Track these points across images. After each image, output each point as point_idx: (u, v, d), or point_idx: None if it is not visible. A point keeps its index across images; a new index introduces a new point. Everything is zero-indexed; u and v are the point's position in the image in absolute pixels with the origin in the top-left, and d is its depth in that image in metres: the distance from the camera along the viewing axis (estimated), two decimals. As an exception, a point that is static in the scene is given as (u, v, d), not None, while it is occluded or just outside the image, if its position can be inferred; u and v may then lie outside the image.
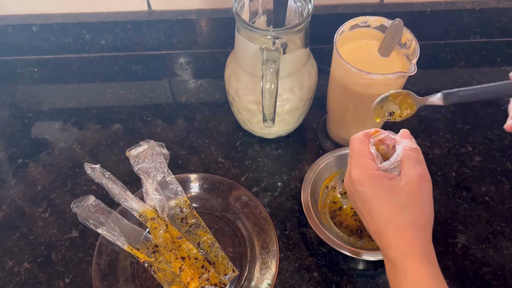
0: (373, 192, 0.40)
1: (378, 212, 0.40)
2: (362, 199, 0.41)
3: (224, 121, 0.67)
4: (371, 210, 0.40)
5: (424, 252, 0.38)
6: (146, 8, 0.72)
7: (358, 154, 0.42)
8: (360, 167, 0.41)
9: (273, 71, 0.48)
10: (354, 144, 0.43)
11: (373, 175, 0.40)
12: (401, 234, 0.38)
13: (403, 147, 0.42)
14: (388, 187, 0.39)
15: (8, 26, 0.71)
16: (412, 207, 0.39)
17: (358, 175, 0.41)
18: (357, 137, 0.44)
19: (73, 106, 0.69)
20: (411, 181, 0.39)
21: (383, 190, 0.39)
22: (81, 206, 0.54)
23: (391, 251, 0.39)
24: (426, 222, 0.39)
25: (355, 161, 0.42)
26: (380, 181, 0.40)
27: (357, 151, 0.42)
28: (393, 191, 0.39)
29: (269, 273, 0.51)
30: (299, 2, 0.52)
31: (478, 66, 0.73)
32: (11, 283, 0.52)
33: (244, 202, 0.56)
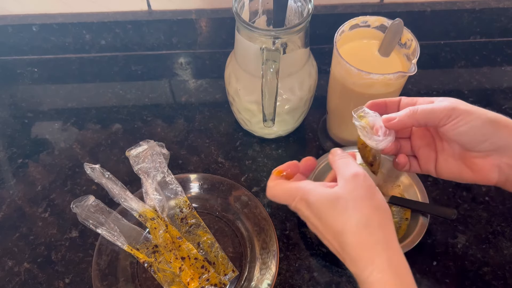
0: (317, 208, 0.36)
1: (328, 227, 0.36)
2: (313, 222, 0.37)
3: (224, 121, 0.67)
4: (324, 229, 0.36)
5: (388, 259, 0.34)
6: (146, 8, 0.72)
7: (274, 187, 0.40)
8: (285, 194, 0.39)
9: (273, 71, 0.48)
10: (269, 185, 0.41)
11: (308, 190, 0.37)
12: (357, 244, 0.34)
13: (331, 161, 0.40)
14: (326, 195, 0.36)
15: (8, 26, 0.71)
16: (356, 207, 0.35)
17: (298, 199, 0.38)
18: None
19: (73, 106, 0.69)
20: (347, 182, 0.36)
21: (322, 200, 0.36)
22: (81, 206, 0.54)
23: (355, 269, 0.35)
24: (379, 219, 0.35)
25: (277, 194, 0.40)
26: (318, 192, 0.37)
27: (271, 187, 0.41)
28: (330, 198, 0.36)
29: (269, 273, 0.51)
30: (299, 2, 0.52)
31: (478, 66, 0.73)
32: (11, 283, 0.52)
33: (244, 202, 0.56)
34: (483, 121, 0.37)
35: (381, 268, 0.33)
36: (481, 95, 0.69)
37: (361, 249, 0.34)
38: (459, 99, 0.39)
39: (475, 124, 0.37)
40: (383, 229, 0.35)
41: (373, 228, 0.35)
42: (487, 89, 0.70)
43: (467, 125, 0.37)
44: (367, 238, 0.34)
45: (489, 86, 0.71)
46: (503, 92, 0.70)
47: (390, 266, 0.33)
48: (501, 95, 0.69)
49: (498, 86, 0.71)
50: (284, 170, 0.41)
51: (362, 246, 0.34)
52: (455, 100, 0.38)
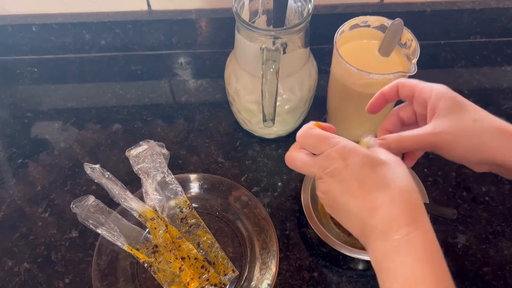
0: (359, 161, 0.34)
1: (370, 180, 0.34)
2: (345, 178, 0.35)
3: (224, 121, 0.67)
4: (362, 180, 0.34)
5: (428, 224, 0.33)
6: (146, 8, 0.72)
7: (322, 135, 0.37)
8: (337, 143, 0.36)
9: (273, 71, 0.48)
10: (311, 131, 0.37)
11: (354, 146, 0.35)
12: (401, 201, 0.33)
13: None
14: (370, 156, 0.35)
15: (8, 26, 0.71)
16: (402, 173, 0.34)
17: (336, 148, 0.35)
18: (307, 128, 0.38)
19: (73, 106, 0.69)
20: (393, 158, 0.35)
21: (368, 158, 0.35)
22: (80, 206, 0.54)
23: (392, 224, 0.33)
24: (399, 193, 0.34)
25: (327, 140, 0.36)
26: (363, 151, 0.35)
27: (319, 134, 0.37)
28: (378, 160, 0.35)
29: (269, 273, 0.51)
30: (299, 2, 0.52)
31: (478, 66, 0.73)
32: (11, 283, 0.52)
33: (244, 202, 0.56)
34: (468, 148, 0.37)
35: (425, 229, 0.33)
36: (481, 95, 0.69)
37: (403, 208, 0.33)
38: (455, 96, 0.39)
39: (460, 152, 0.38)
40: (418, 194, 0.34)
41: (417, 194, 0.34)
42: (487, 89, 0.70)
43: (455, 152, 0.38)
44: (414, 199, 0.34)
45: (489, 86, 0.71)
46: (503, 92, 0.70)
47: (431, 229, 0.33)
48: (501, 95, 0.69)
49: (498, 86, 0.71)
50: (325, 128, 0.39)
51: (406, 205, 0.33)
52: (446, 110, 0.38)
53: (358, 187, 0.34)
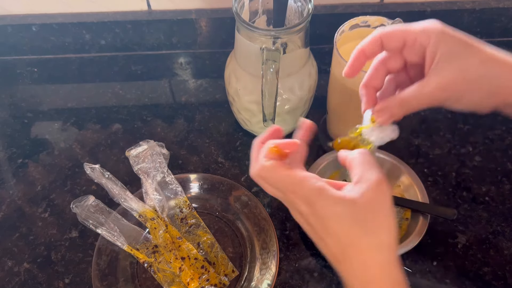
0: (323, 209, 0.32)
1: (333, 236, 0.32)
2: (313, 224, 0.33)
3: (224, 121, 0.67)
4: (326, 233, 0.32)
5: (394, 282, 0.31)
6: (146, 8, 0.72)
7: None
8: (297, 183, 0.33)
9: (273, 71, 0.48)
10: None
11: (319, 188, 0.32)
12: (364, 261, 0.31)
13: (352, 156, 0.35)
14: (340, 199, 0.32)
15: (8, 26, 0.71)
16: (373, 222, 0.31)
17: (299, 194, 0.33)
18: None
19: (72, 106, 0.69)
20: (369, 189, 0.32)
21: (335, 205, 0.32)
22: (80, 206, 0.54)
23: (354, 281, 0.32)
24: (392, 239, 0.32)
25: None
26: (329, 194, 0.32)
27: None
28: (347, 204, 0.31)
29: (269, 273, 0.51)
30: (299, 2, 0.52)
31: (478, 66, 0.73)
32: (10, 283, 0.52)
33: (244, 202, 0.56)
34: (479, 96, 0.33)
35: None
36: (481, 95, 0.69)
37: (366, 269, 0.32)
38: (455, 36, 0.34)
39: (470, 101, 0.33)
40: (389, 251, 0.32)
41: (383, 250, 0.32)
42: (487, 89, 0.70)
43: (464, 102, 0.33)
44: (376, 258, 0.31)
45: (489, 86, 0.71)
46: (503, 92, 0.70)
47: (393, 285, 0.31)
48: (501, 95, 0.69)
49: (498, 86, 0.70)
50: (281, 149, 0.35)
51: (366, 267, 0.32)
52: (440, 61, 0.32)
53: (327, 236, 0.33)
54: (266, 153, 0.34)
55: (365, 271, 0.32)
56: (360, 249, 0.32)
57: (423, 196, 0.54)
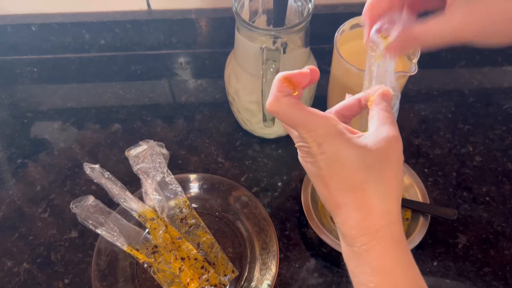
0: (334, 151, 0.31)
1: (339, 176, 0.31)
2: (319, 164, 0.32)
3: (224, 121, 0.67)
4: (330, 174, 0.31)
5: (393, 234, 0.30)
6: (145, 8, 0.72)
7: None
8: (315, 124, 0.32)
9: (273, 70, 0.48)
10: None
11: (337, 130, 0.31)
12: (365, 207, 0.30)
13: (380, 108, 0.34)
14: (354, 144, 0.31)
15: (7, 26, 0.71)
16: (382, 170, 0.30)
17: (315, 135, 0.31)
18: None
19: (72, 106, 0.69)
20: (385, 140, 0.31)
21: (348, 149, 0.31)
22: (80, 206, 0.53)
23: (351, 230, 0.31)
24: (397, 191, 0.31)
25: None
26: (345, 137, 0.31)
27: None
28: (359, 149, 0.30)
29: (269, 273, 0.51)
30: (299, 2, 0.52)
31: (479, 66, 0.73)
32: (10, 283, 0.52)
33: (244, 202, 0.56)
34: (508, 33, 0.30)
35: (386, 242, 0.30)
36: (482, 95, 0.69)
37: (366, 216, 0.30)
38: None
39: (499, 40, 0.30)
40: (394, 204, 0.31)
41: (387, 200, 0.31)
42: (487, 89, 0.70)
43: (493, 40, 0.31)
44: (379, 207, 0.30)
45: (490, 86, 0.70)
46: (504, 92, 0.70)
47: (392, 240, 0.30)
48: (502, 95, 0.69)
49: (499, 86, 0.70)
50: (297, 83, 0.33)
51: (366, 215, 0.30)
52: None
53: (329, 177, 0.31)
54: (279, 86, 0.32)
55: (365, 219, 0.30)
56: (364, 195, 0.30)
57: (423, 196, 0.54)
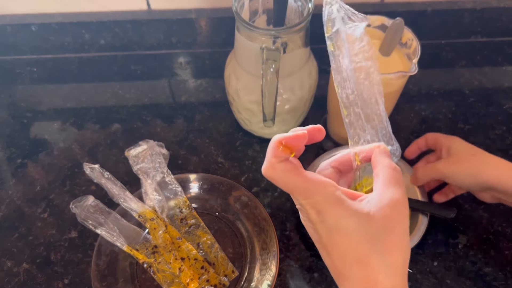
0: (335, 220, 0.29)
1: (341, 247, 0.29)
2: (319, 232, 0.30)
3: (224, 121, 0.66)
4: (332, 245, 0.30)
5: None
6: (145, 8, 0.72)
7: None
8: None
9: (273, 70, 0.48)
10: None
11: (336, 198, 0.30)
12: (369, 282, 0.28)
13: (384, 165, 0.32)
14: (355, 212, 0.29)
15: (7, 26, 0.71)
16: (386, 240, 0.29)
17: (313, 201, 0.30)
18: None
19: (72, 106, 0.69)
20: (388, 205, 0.29)
21: (349, 218, 0.29)
22: (80, 207, 0.53)
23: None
24: (403, 261, 0.29)
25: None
26: (345, 205, 0.29)
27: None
28: (361, 218, 0.29)
29: (269, 274, 0.51)
30: (299, 2, 0.52)
31: (479, 66, 0.73)
32: (10, 284, 0.52)
33: (244, 202, 0.56)
34: (467, 175, 0.49)
35: None
36: (482, 95, 0.69)
37: None
38: (464, 144, 0.52)
39: (461, 178, 0.49)
40: (399, 275, 0.29)
41: (392, 272, 0.29)
42: (488, 88, 0.70)
43: (458, 178, 0.50)
44: (384, 281, 0.29)
45: (490, 86, 0.70)
46: (504, 92, 0.70)
47: None
48: (502, 95, 0.69)
49: (499, 86, 0.70)
50: (293, 147, 0.32)
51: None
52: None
53: (331, 247, 0.30)
54: (274, 151, 0.31)
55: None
56: (367, 268, 0.29)
57: (423, 195, 0.54)
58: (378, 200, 0.30)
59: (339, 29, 0.32)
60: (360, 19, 0.33)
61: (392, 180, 0.31)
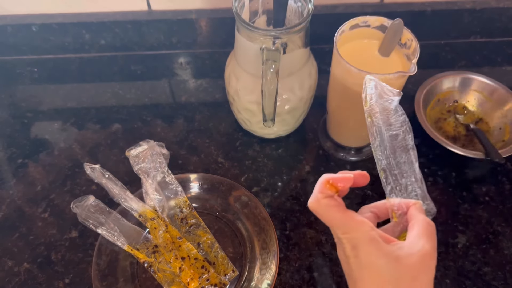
0: (366, 257, 0.32)
1: (368, 283, 0.32)
2: (351, 266, 0.33)
3: (224, 121, 0.67)
4: (361, 279, 0.32)
5: None
6: (146, 8, 0.72)
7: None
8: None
9: (273, 71, 0.48)
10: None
11: (371, 237, 0.32)
12: None
13: (419, 219, 0.34)
14: (386, 254, 0.32)
15: (8, 26, 0.71)
16: (410, 285, 0.31)
17: (350, 237, 0.33)
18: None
19: (72, 106, 0.69)
20: (418, 254, 0.31)
21: (380, 258, 0.31)
22: (80, 206, 0.54)
23: None
24: None
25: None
26: (378, 246, 0.32)
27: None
28: (391, 260, 0.31)
29: (269, 273, 0.51)
30: (299, 2, 0.52)
31: (478, 66, 0.73)
32: (10, 283, 0.52)
33: (244, 202, 0.56)
34: None
35: None
36: (481, 95, 0.69)
37: None
38: None
39: None
40: None
41: None
42: (487, 89, 0.70)
43: None
44: None
45: (489, 86, 0.70)
46: (503, 92, 0.70)
47: None
48: (501, 95, 0.69)
49: (498, 86, 0.70)
50: (340, 185, 0.35)
51: None
52: None
53: (360, 281, 0.32)
54: (321, 187, 0.35)
55: None
56: None
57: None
58: (409, 247, 0.32)
59: (377, 101, 0.37)
60: (395, 94, 0.38)
61: (425, 232, 0.33)
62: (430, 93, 0.65)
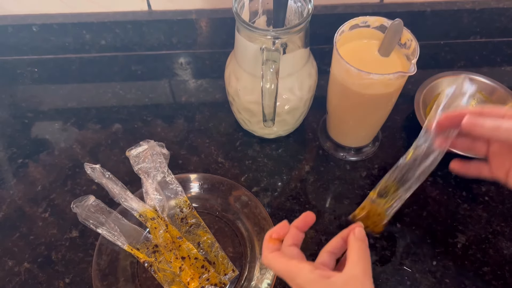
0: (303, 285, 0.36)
1: None
2: None
3: (224, 121, 0.67)
4: None
5: None
6: (146, 8, 0.72)
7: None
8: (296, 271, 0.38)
9: (273, 71, 0.48)
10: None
11: (310, 279, 0.36)
12: None
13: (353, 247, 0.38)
14: (326, 286, 0.36)
15: (8, 26, 0.71)
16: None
17: (295, 282, 0.37)
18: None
19: (73, 106, 0.69)
20: (344, 278, 0.36)
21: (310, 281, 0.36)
22: (81, 206, 0.54)
23: None
24: None
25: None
26: (318, 284, 0.36)
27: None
28: (322, 279, 0.36)
29: (269, 273, 0.51)
30: (299, 2, 0.52)
31: (478, 66, 0.73)
32: (11, 283, 0.52)
33: (244, 202, 0.56)
34: None
35: None
36: (481, 95, 0.69)
37: None
38: None
39: None
40: None
41: None
42: (487, 89, 0.70)
43: None
44: None
45: (489, 86, 0.71)
46: (503, 92, 0.70)
47: None
48: (501, 95, 0.69)
49: (498, 86, 0.71)
50: (279, 236, 0.41)
51: None
52: None
53: None
54: (265, 245, 0.40)
55: None
56: None
57: None
58: (343, 275, 0.36)
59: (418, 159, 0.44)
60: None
61: (354, 257, 0.37)
62: (430, 93, 0.65)
